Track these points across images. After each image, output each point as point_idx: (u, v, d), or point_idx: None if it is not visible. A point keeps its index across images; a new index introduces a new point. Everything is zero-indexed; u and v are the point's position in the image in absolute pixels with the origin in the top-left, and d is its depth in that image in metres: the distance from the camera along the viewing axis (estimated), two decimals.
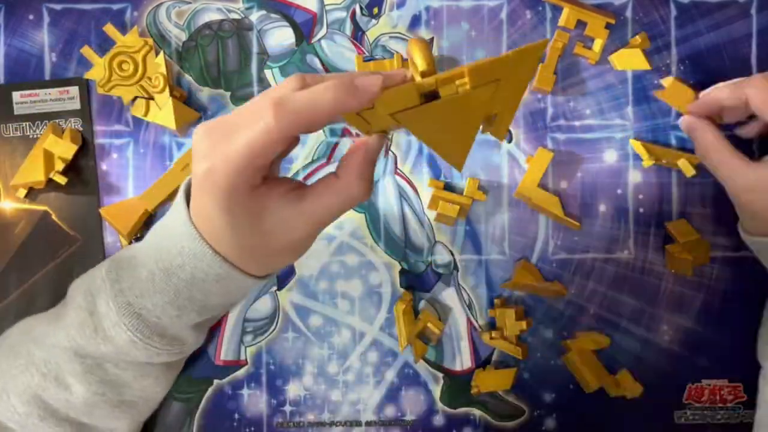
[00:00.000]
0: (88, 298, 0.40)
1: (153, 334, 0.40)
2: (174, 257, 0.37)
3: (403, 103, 0.32)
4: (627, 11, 0.53)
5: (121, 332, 0.39)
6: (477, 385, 0.52)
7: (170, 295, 0.38)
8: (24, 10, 0.53)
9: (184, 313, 0.40)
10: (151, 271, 0.38)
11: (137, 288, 0.39)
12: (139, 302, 0.39)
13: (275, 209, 0.34)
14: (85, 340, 0.40)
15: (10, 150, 0.52)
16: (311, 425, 0.53)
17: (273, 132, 0.31)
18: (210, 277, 0.37)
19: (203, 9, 0.53)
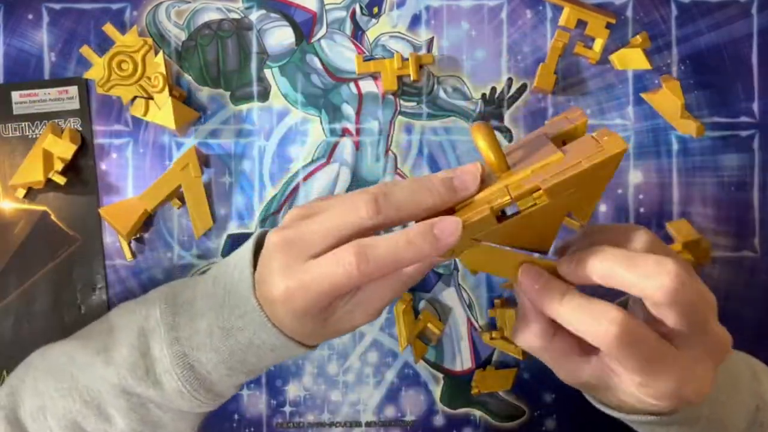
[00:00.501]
0: (142, 339, 0.40)
1: (201, 388, 0.40)
2: (236, 320, 0.37)
3: (483, 229, 0.32)
4: (627, 11, 0.53)
5: (171, 380, 0.39)
6: (477, 386, 0.52)
7: (225, 354, 0.38)
8: (23, 10, 0.53)
9: (234, 373, 0.39)
10: (210, 326, 0.38)
11: (194, 340, 0.39)
12: (194, 354, 0.39)
13: (337, 310, 0.36)
14: (135, 381, 0.39)
15: (10, 150, 0.52)
16: (311, 425, 0.53)
17: (354, 279, 0.33)
18: (267, 345, 0.38)
19: (203, 9, 0.53)
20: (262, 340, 0.37)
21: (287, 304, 0.35)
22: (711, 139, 0.52)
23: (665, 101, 0.51)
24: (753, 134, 0.52)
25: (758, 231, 0.52)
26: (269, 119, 0.53)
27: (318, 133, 0.53)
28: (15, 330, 0.52)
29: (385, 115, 0.53)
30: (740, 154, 0.52)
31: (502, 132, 0.53)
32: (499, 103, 0.53)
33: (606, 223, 0.53)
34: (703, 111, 0.52)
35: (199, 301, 0.39)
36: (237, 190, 0.53)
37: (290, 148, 0.53)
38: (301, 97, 0.53)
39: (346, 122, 0.53)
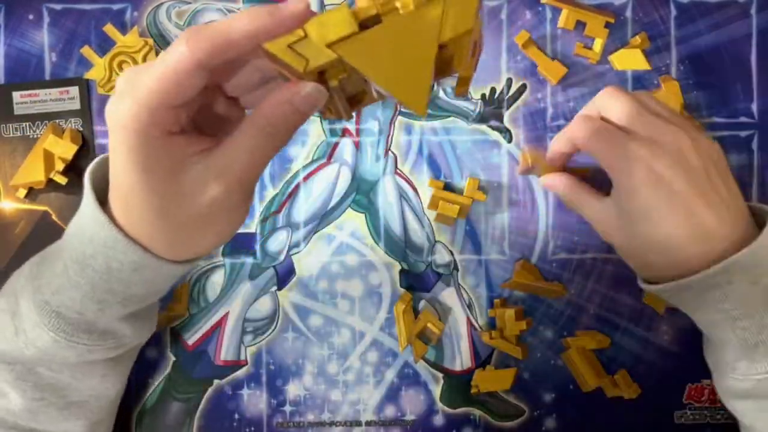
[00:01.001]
0: (11, 300, 0.37)
1: (77, 331, 0.36)
2: (85, 246, 0.34)
3: (340, 30, 0.28)
4: (627, 11, 0.53)
5: (43, 333, 0.36)
6: (477, 385, 0.52)
7: (87, 288, 0.35)
8: (24, 10, 0.53)
9: (106, 306, 0.36)
10: (65, 263, 0.35)
11: (54, 284, 0.35)
12: (56, 299, 0.35)
13: (188, 166, 0.30)
14: (8, 345, 0.37)
15: (10, 150, 0.52)
16: (311, 425, 0.53)
17: (186, 60, 0.27)
18: (126, 266, 0.33)
19: (203, 9, 0.53)
20: (120, 261, 0.33)
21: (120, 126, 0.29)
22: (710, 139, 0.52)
23: (664, 102, 0.51)
24: (752, 134, 0.52)
25: None
26: None
27: (318, 133, 0.53)
28: None
29: (385, 115, 0.53)
30: (739, 154, 0.52)
31: (502, 132, 0.53)
32: (498, 103, 0.53)
33: None
34: (703, 111, 0.52)
35: (59, 244, 0.37)
36: None
37: (290, 148, 0.53)
38: None
39: (346, 122, 0.53)
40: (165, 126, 0.29)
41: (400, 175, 0.53)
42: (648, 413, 0.52)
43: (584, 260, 0.52)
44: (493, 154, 0.53)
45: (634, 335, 0.52)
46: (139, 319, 0.41)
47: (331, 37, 0.28)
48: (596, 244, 0.53)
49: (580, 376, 0.52)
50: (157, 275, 0.35)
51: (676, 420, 0.52)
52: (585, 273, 0.53)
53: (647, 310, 0.52)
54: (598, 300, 0.53)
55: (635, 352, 0.52)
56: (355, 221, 0.53)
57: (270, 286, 0.53)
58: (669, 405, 0.52)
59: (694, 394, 0.52)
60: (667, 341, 0.52)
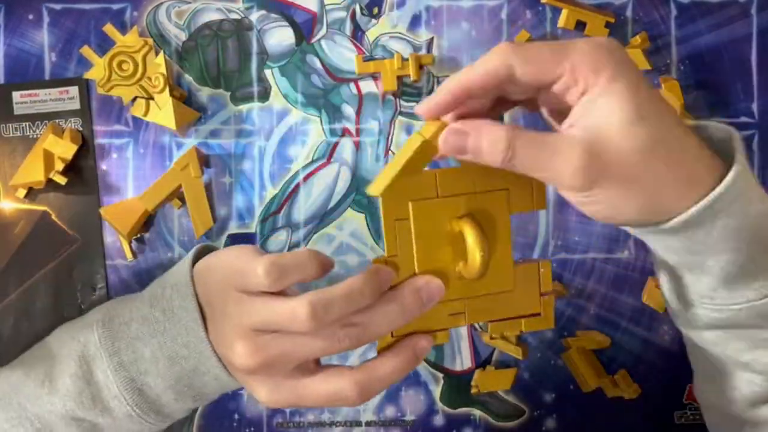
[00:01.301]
0: (84, 367, 0.40)
1: (150, 411, 0.40)
2: (180, 348, 0.38)
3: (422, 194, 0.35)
4: (627, 11, 0.53)
5: (121, 406, 0.39)
6: (477, 385, 0.52)
7: (171, 380, 0.39)
8: (24, 10, 0.53)
9: (182, 398, 0.40)
10: (155, 353, 0.38)
11: (140, 366, 0.39)
12: (141, 379, 0.39)
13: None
14: (83, 411, 0.39)
15: (10, 150, 0.52)
16: (311, 425, 0.53)
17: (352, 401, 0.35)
18: (212, 373, 0.38)
19: (203, 9, 0.53)
20: (207, 368, 0.38)
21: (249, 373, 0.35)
22: None
23: None
24: (752, 134, 0.52)
25: None
26: (269, 119, 0.53)
27: (318, 133, 0.53)
28: (15, 330, 0.52)
29: (385, 115, 0.53)
30: None
31: None
32: None
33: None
34: (703, 111, 0.52)
35: (136, 324, 0.39)
36: (237, 190, 0.53)
37: (290, 148, 0.53)
38: (301, 98, 0.53)
39: (346, 122, 0.53)
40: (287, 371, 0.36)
41: None
42: (648, 413, 0.52)
43: (584, 260, 0.52)
44: None
45: (634, 335, 0.52)
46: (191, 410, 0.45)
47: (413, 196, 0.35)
48: (596, 244, 0.53)
49: (581, 376, 0.52)
50: (235, 384, 0.39)
51: (676, 420, 0.52)
52: (585, 273, 0.52)
53: (647, 310, 0.52)
54: (598, 300, 0.53)
55: (635, 352, 0.52)
56: (355, 221, 0.53)
57: None
58: (669, 405, 0.52)
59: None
60: (667, 341, 0.52)
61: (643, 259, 0.52)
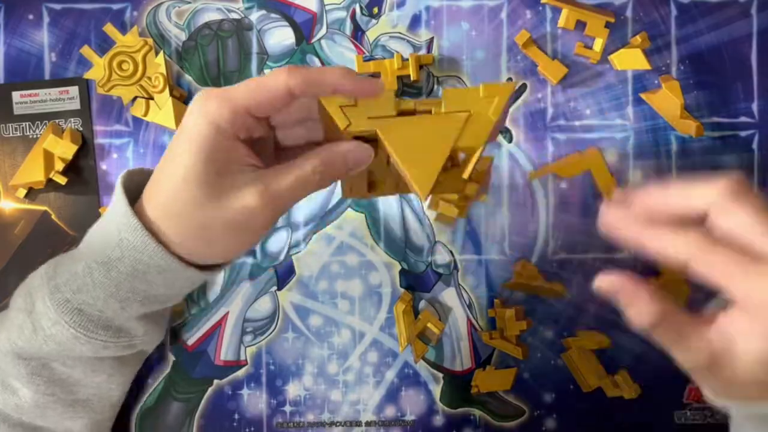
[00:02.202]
0: (27, 299, 0.39)
1: (97, 328, 0.39)
2: (113, 249, 0.36)
3: (382, 111, 0.35)
4: (627, 11, 0.53)
5: (62, 329, 0.38)
6: (477, 385, 0.52)
7: (111, 288, 0.37)
8: (24, 10, 0.53)
9: (128, 304, 0.38)
10: (89, 265, 0.37)
11: (74, 283, 0.38)
12: (77, 298, 0.38)
13: (240, 170, 0.34)
14: (25, 342, 0.39)
15: (10, 150, 0.52)
16: (311, 425, 0.53)
17: (281, 85, 0.33)
18: (152, 269, 0.36)
19: (203, 9, 0.53)
20: (146, 264, 0.36)
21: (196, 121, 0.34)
22: (711, 139, 0.52)
23: (665, 101, 0.51)
24: (753, 134, 0.52)
25: None
26: None
27: None
28: None
29: None
30: (740, 154, 0.52)
31: (502, 132, 0.53)
32: None
33: None
34: (703, 111, 0.52)
35: (78, 249, 0.39)
36: None
37: None
38: None
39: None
40: (238, 130, 0.34)
41: None
42: (648, 413, 0.52)
43: (584, 260, 0.52)
44: (493, 154, 0.53)
45: (634, 335, 0.52)
46: (152, 321, 0.44)
47: (373, 113, 0.35)
48: (596, 244, 0.53)
49: (581, 376, 0.52)
50: (181, 279, 0.37)
51: (676, 420, 0.52)
52: (585, 273, 0.52)
53: None
54: (598, 300, 0.52)
55: (635, 352, 0.52)
56: (355, 221, 0.53)
57: (270, 286, 0.53)
58: (669, 405, 0.52)
59: (694, 394, 0.52)
60: None
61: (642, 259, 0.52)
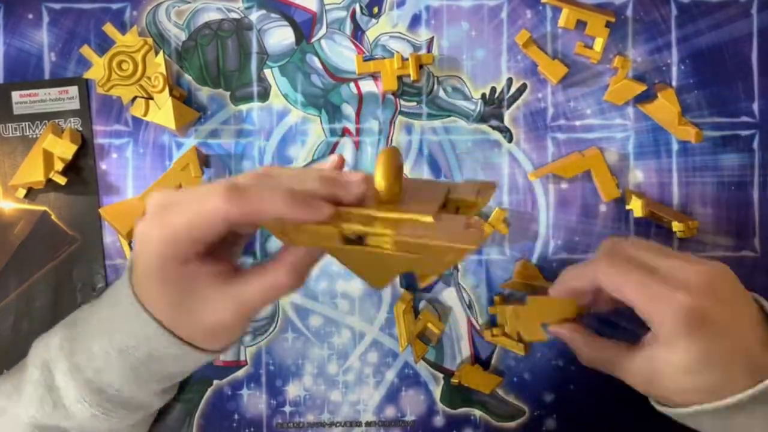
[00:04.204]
0: (45, 372, 0.39)
1: (116, 407, 0.39)
2: (127, 339, 0.37)
3: (326, 241, 0.33)
4: (627, 10, 0.53)
5: (83, 408, 0.39)
6: (460, 376, 0.52)
7: (128, 372, 0.38)
8: (23, 10, 0.53)
9: (145, 385, 0.39)
10: (105, 349, 0.38)
11: (94, 365, 0.38)
12: (98, 378, 0.38)
13: (202, 288, 0.35)
14: (46, 417, 0.39)
15: (10, 150, 0.52)
16: (311, 425, 0.53)
17: (219, 214, 0.32)
18: (166, 355, 0.37)
19: (203, 8, 0.53)
20: (160, 352, 0.37)
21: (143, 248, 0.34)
22: (711, 139, 0.52)
23: (661, 110, 0.51)
24: (753, 134, 0.52)
25: (758, 231, 0.52)
26: (269, 119, 0.53)
27: (318, 133, 0.53)
28: (15, 330, 0.52)
29: (385, 115, 0.53)
30: (740, 153, 0.52)
31: (502, 132, 0.53)
32: (498, 103, 0.53)
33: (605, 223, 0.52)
34: (703, 111, 0.52)
35: (93, 325, 0.39)
36: None
37: (290, 148, 0.53)
38: (301, 97, 0.53)
39: (346, 122, 0.53)
40: (185, 255, 0.34)
41: None
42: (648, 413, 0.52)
43: (584, 260, 0.52)
44: (493, 154, 0.53)
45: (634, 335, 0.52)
46: (167, 391, 0.44)
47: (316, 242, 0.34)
48: (596, 244, 0.52)
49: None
50: (193, 361, 0.39)
51: None
52: None
53: None
54: None
55: None
56: None
57: None
58: None
59: None
60: None
61: None
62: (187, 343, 0.37)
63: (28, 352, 0.42)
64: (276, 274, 0.35)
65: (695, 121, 0.52)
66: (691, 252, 0.52)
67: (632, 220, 0.52)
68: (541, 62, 0.52)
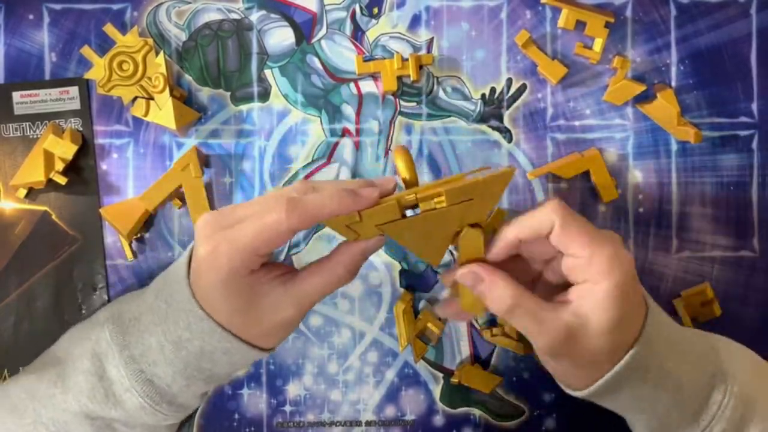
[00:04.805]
0: (96, 363, 0.41)
1: (162, 401, 0.41)
2: (182, 331, 0.39)
3: (388, 217, 0.37)
4: (627, 11, 0.53)
5: (132, 398, 0.40)
6: (459, 376, 0.52)
7: (180, 366, 0.39)
8: (24, 10, 0.53)
9: (193, 382, 0.40)
10: (160, 341, 0.39)
11: (149, 357, 0.40)
12: (150, 370, 0.40)
13: (267, 291, 0.38)
14: (96, 405, 0.40)
15: (10, 150, 0.52)
16: (311, 425, 0.53)
17: (283, 225, 0.35)
18: (218, 350, 0.39)
19: (203, 9, 0.53)
20: (213, 346, 0.39)
21: (212, 261, 0.36)
22: (710, 140, 0.52)
23: (661, 111, 0.51)
24: (752, 134, 0.52)
25: (757, 231, 0.52)
26: (269, 119, 0.53)
27: (318, 133, 0.53)
28: (15, 330, 0.52)
29: (385, 115, 0.53)
30: (739, 154, 0.52)
31: (502, 132, 0.53)
32: (498, 103, 0.53)
33: (605, 223, 0.53)
34: (703, 111, 0.52)
35: (145, 316, 0.40)
36: (237, 190, 0.53)
37: (290, 148, 0.53)
38: (301, 98, 0.53)
39: (346, 122, 0.53)
40: (250, 266, 0.37)
41: None
42: None
43: None
44: (493, 154, 0.53)
45: None
46: (205, 396, 0.46)
47: (379, 219, 0.37)
48: None
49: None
50: (242, 358, 0.40)
51: None
52: None
53: None
54: None
55: None
56: None
57: None
58: None
59: None
60: None
61: (642, 259, 0.53)
62: (240, 339, 0.38)
63: (56, 343, 0.44)
64: (334, 271, 0.38)
65: (694, 122, 0.52)
66: (690, 252, 0.52)
67: (632, 220, 0.53)
68: (540, 62, 0.52)
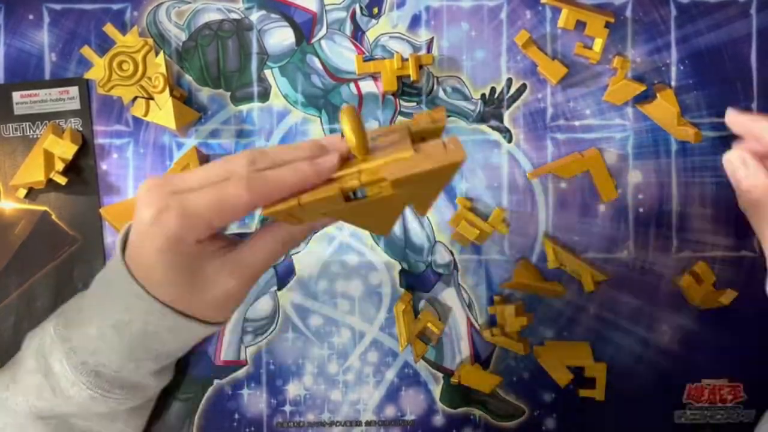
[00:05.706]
0: (41, 360, 0.40)
1: (113, 387, 0.40)
2: (122, 314, 0.37)
3: (331, 206, 0.35)
4: (627, 11, 0.53)
5: (81, 391, 0.39)
6: (459, 376, 0.52)
7: (125, 350, 0.38)
8: (24, 10, 0.53)
9: (142, 363, 0.40)
10: (101, 328, 0.38)
11: (90, 346, 0.38)
12: (95, 359, 0.38)
13: (208, 262, 0.36)
14: (45, 403, 0.40)
15: (10, 150, 0.52)
16: (311, 425, 0.53)
17: (242, 200, 0.33)
18: (162, 328, 0.37)
19: (203, 9, 0.53)
20: (156, 325, 0.37)
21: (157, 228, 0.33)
22: (710, 139, 0.52)
23: (661, 111, 0.51)
24: None
25: None
26: (269, 119, 0.53)
27: (318, 133, 0.53)
28: (16, 330, 0.52)
29: (385, 115, 0.53)
30: None
31: (502, 132, 0.53)
32: (498, 103, 0.53)
33: (605, 223, 0.53)
34: (702, 111, 0.52)
35: (86, 306, 0.40)
36: None
37: None
38: (302, 98, 0.53)
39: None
40: (198, 236, 0.34)
41: None
42: (648, 413, 0.52)
43: (584, 260, 0.52)
44: (493, 154, 0.53)
45: (634, 335, 0.52)
46: (164, 373, 0.45)
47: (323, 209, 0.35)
48: (596, 244, 0.53)
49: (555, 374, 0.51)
50: (190, 334, 0.38)
51: (676, 420, 0.52)
52: None
53: (647, 310, 0.52)
54: (598, 300, 0.53)
55: (635, 352, 0.52)
56: None
57: (270, 286, 0.53)
58: (669, 405, 0.52)
59: (694, 394, 0.52)
60: (667, 341, 0.52)
61: (642, 259, 0.53)
62: (183, 315, 0.37)
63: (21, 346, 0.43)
64: (275, 240, 0.36)
65: (694, 122, 0.52)
66: (690, 252, 0.52)
67: (632, 220, 0.53)
68: (540, 63, 0.52)
